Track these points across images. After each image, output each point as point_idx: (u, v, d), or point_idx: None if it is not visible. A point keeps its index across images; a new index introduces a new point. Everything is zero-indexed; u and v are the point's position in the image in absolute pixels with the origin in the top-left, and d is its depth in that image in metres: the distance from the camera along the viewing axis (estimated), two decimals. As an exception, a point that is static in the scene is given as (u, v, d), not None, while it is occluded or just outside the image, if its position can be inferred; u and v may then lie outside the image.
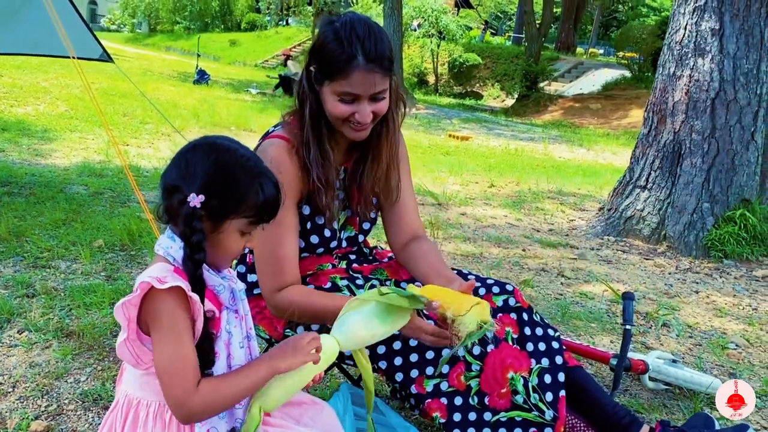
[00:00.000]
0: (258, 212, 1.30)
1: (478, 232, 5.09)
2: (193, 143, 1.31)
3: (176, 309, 1.22)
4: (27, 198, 4.67)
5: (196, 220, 1.23)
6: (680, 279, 4.34)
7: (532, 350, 1.88)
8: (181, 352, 1.22)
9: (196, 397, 1.22)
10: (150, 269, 1.26)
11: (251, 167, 1.31)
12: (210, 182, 1.25)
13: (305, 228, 1.91)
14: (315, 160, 1.82)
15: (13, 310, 2.81)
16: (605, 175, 8.57)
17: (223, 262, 1.35)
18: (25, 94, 10.19)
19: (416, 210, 2.11)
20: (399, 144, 2.02)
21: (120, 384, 1.39)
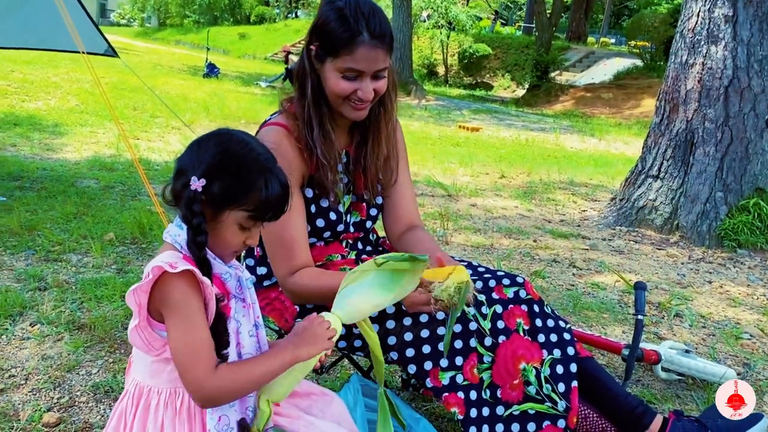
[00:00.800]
0: (259, 208, 1.29)
1: (488, 223, 5.07)
2: (212, 132, 1.32)
3: (188, 293, 1.22)
4: (38, 192, 4.69)
5: (195, 204, 1.24)
6: (693, 269, 4.30)
7: (543, 341, 1.87)
8: (197, 335, 1.22)
9: (214, 380, 1.22)
10: (160, 256, 1.26)
11: (260, 162, 1.30)
12: (214, 169, 1.25)
13: (310, 212, 1.91)
14: (317, 139, 1.82)
15: (25, 303, 2.82)
16: (617, 165, 8.51)
17: (224, 254, 1.34)
18: (36, 89, 10.23)
19: (414, 200, 2.11)
20: (397, 127, 2.02)
21: (129, 373, 1.39)
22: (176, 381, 1.29)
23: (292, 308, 1.93)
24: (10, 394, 2.18)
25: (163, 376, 1.29)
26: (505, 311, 1.89)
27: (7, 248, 3.49)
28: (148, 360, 1.30)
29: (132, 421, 1.31)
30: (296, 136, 1.84)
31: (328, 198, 1.91)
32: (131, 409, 1.32)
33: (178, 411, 1.29)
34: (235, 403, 1.32)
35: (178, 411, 1.29)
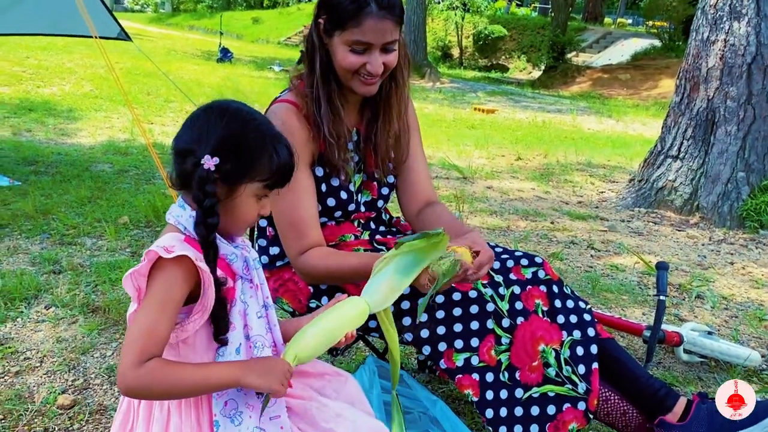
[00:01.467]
0: (272, 175, 1.26)
1: (504, 205, 5.01)
2: (204, 107, 1.27)
3: (174, 280, 1.17)
4: (53, 176, 4.69)
5: (209, 184, 1.19)
6: (714, 250, 4.22)
7: (563, 322, 1.82)
8: (153, 322, 1.16)
9: (138, 371, 1.14)
10: (160, 239, 1.22)
11: (263, 130, 1.27)
12: (223, 145, 1.21)
13: (320, 191, 1.87)
14: (326, 115, 1.78)
15: (40, 287, 2.82)
16: (635, 146, 8.39)
17: (239, 229, 1.31)
18: (51, 74, 10.26)
19: (428, 176, 2.07)
20: (408, 104, 1.97)
21: None
22: None
23: (305, 289, 1.90)
24: (25, 376, 2.17)
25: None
26: (524, 292, 1.84)
27: (22, 232, 3.49)
28: None
29: (138, 406, 1.28)
30: (305, 113, 1.80)
31: (338, 177, 1.86)
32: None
33: None
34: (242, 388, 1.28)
35: None
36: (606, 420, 1.84)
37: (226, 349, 1.26)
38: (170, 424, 1.25)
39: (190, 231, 1.23)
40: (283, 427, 1.29)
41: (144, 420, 1.26)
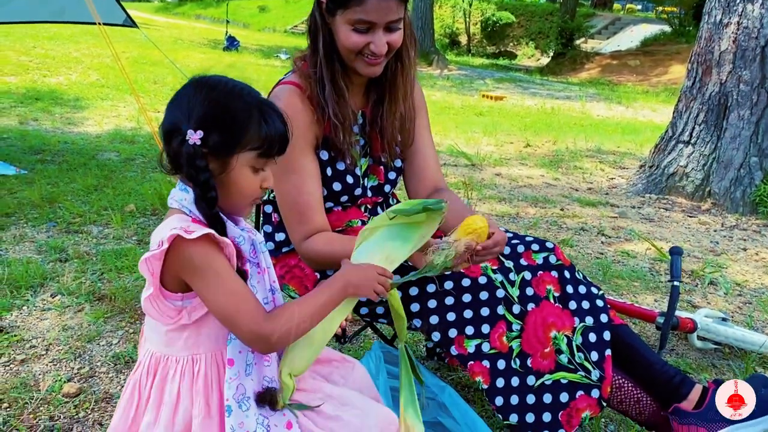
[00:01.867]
0: (264, 142, 1.22)
1: (513, 192, 4.96)
2: (185, 85, 1.24)
3: (210, 253, 1.17)
4: (59, 165, 4.68)
5: (198, 159, 1.17)
6: (726, 236, 4.17)
7: (575, 308, 1.78)
8: (235, 287, 1.18)
9: (267, 324, 1.19)
10: (168, 222, 1.19)
11: (245, 96, 1.23)
12: (206, 116, 1.18)
13: (326, 175, 1.83)
14: (330, 96, 1.74)
15: (46, 275, 2.80)
16: (645, 132, 8.30)
17: (242, 205, 1.27)
18: (58, 64, 10.24)
19: (436, 160, 2.02)
20: (415, 85, 1.92)
21: (142, 345, 1.34)
22: (192, 348, 1.24)
23: (312, 275, 1.87)
24: (31, 364, 2.15)
25: (179, 344, 1.25)
26: (534, 278, 1.80)
27: (28, 220, 3.48)
28: (162, 329, 1.25)
29: (149, 390, 1.26)
30: (309, 94, 1.76)
31: (344, 160, 1.82)
32: (147, 379, 1.27)
33: (195, 379, 1.24)
34: (251, 372, 1.26)
35: (195, 379, 1.24)
36: (619, 408, 1.80)
37: None
38: (179, 407, 1.23)
39: (195, 213, 1.21)
40: (285, 414, 1.26)
41: (154, 403, 1.24)
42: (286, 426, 1.25)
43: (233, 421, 1.20)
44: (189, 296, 1.21)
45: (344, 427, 1.27)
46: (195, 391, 1.23)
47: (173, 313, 1.22)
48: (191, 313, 1.22)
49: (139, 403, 1.27)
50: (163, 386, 1.25)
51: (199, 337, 1.25)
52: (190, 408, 1.23)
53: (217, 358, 1.25)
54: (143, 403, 1.26)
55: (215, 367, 1.25)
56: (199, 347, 1.25)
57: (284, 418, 1.25)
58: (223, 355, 1.25)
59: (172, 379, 1.24)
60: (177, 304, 1.21)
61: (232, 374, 1.23)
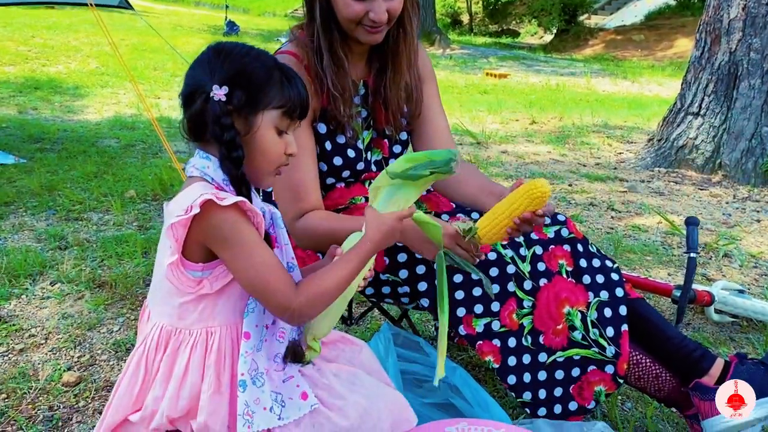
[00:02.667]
0: (288, 101, 1.19)
1: (520, 169, 4.87)
2: (203, 52, 1.21)
3: (239, 221, 1.13)
4: (59, 153, 4.61)
5: (224, 116, 1.13)
6: (739, 208, 4.08)
7: (589, 283, 1.71)
8: (265, 258, 1.15)
9: (299, 295, 1.15)
10: (193, 188, 1.14)
11: (263, 58, 1.21)
12: (230, 74, 1.15)
13: (324, 149, 1.75)
14: (328, 67, 1.66)
15: (45, 263, 2.74)
16: (652, 106, 8.17)
17: (265, 172, 1.22)
18: (57, 53, 10.15)
19: (448, 129, 1.94)
20: (419, 52, 1.84)
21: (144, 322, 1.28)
22: (208, 320, 1.19)
23: (314, 256, 1.80)
24: (30, 353, 2.10)
25: (193, 317, 1.19)
26: (546, 252, 1.73)
27: (27, 209, 3.42)
28: (176, 301, 1.20)
29: (158, 364, 1.20)
30: (306, 64, 1.68)
31: (344, 133, 1.74)
32: (157, 353, 1.21)
33: (208, 352, 1.19)
34: (261, 348, 1.20)
35: (208, 352, 1.19)
36: (637, 384, 1.73)
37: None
38: (186, 380, 1.18)
39: (218, 181, 1.17)
40: (299, 385, 1.22)
41: (163, 376, 1.19)
42: (301, 397, 1.20)
43: (248, 397, 1.15)
44: (210, 266, 1.17)
45: (353, 406, 1.21)
46: (206, 365, 1.18)
47: (192, 284, 1.18)
48: (213, 282, 1.18)
49: (146, 378, 1.21)
50: (173, 359, 1.20)
51: (215, 309, 1.20)
52: (199, 382, 1.17)
53: (232, 332, 1.20)
54: (150, 378, 1.21)
55: (229, 340, 1.20)
56: (215, 319, 1.20)
57: (298, 390, 1.20)
58: (238, 328, 1.20)
59: (183, 351, 1.19)
60: (197, 275, 1.17)
61: (248, 348, 1.18)
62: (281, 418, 1.17)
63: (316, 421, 1.20)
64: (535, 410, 1.69)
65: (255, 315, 1.19)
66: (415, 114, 1.85)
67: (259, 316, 1.20)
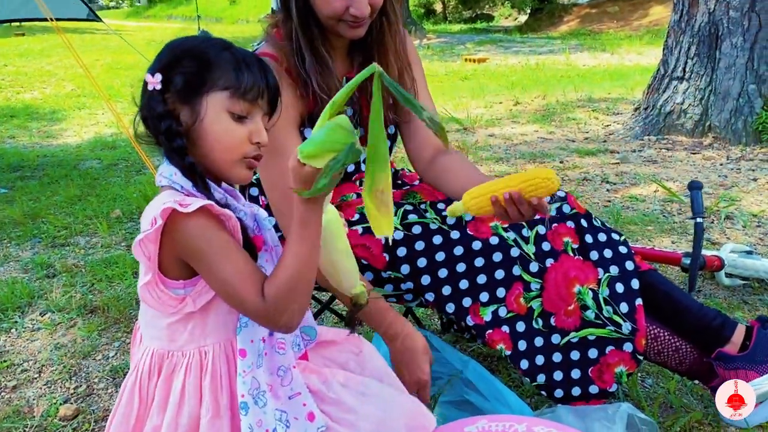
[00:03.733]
0: (236, 80, 1.07)
1: (509, 150, 4.80)
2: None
3: (209, 228, 1.03)
4: (40, 179, 4.51)
5: (158, 105, 1.05)
6: (734, 169, 4.03)
7: (597, 259, 1.64)
8: (239, 264, 1.04)
9: (268, 306, 1.03)
10: (158, 198, 1.05)
11: (216, 42, 1.11)
12: (169, 61, 1.07)
13: None
14: (312, 68, 1.56)
15: (33, 293, 2.65)
16: (634, 76, 8.12)
17: (228, 162, 1.09)
18: (31, 79, 10.01)
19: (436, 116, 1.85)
20: (406, 40, 1.74)
21: (137, 345, 1.20)
22: (199, 339, 1.10)
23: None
24: (24, 389, 2.02)
25: (184, 337, 1.10)
26: (549, 231, 1.66)
27: (11, 239, 3.32)
28: (162, 323, 1.11)
29: (153, 390, 1.11)
30: (286, 67, 1.59)
31: None
32: (150, 379, 1.12)
33: (204, 374, 1.10)
34: (262, 364, 1.12)
35: (204, 374, 1.10)
36: (657, 359, 1.66)
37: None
38: (183, 406, 1.09)
39: (188, 188, 1.06)
40: (306, 404, 1.12)
41: (160, 404, 1.11)
42: (307, 418, 1.11)
43: (251, 420, 1.07)
44: (191, 282, 1.08)
45: (366, 419, 1.14)
46: (203, 388, 1.10)
47: (174, 302, 1.08)
48: (196, 299, 1.09)
49: (141, 406, 1.12)
50: (168, 385, 1.11)
51: (206, 327, 1.11)
52: (197, 407, 1.09)
53: (227, 349, 1.12)
54: (146, 406, 1.12)
55: (224, 359, 1.11)
56: (207, 338, 1.11)
57: (305, 409, 1.11)
58: (233, 345, 1.11)
59: (177, 375, 1.11)
60: (179, 292, 1.08)
61: (245, 366, 1.09)
62: None
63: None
64: (551, 392, 1.62)
65: (248, 329, 1.10)
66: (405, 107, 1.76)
67: (253, 329, 1.11)
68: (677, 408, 1.72)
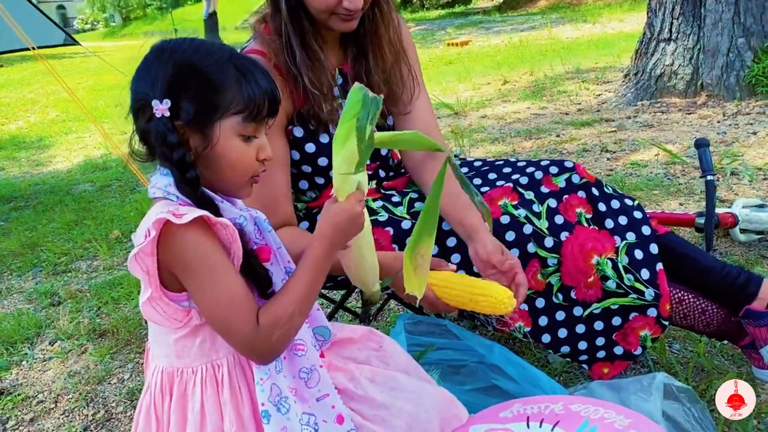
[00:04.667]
0: (250, 103, 1.02)
1: (504, 130, 4.76)
2: (147, 55, 1.05)
3: (203, 243, 0.98)
4: (34, 208, 4.45)
5: (169, 134, 0.98)
6: (732, 125, 3.99)
7: (612, 227, 1.60)
8: (232, 288, 0.99)
9: (261, 335, 1.00)
10: (153, 209, 1.00)
11: (216, 52, 1.03)
12: (173, 82, 0.99)
13: (305, 153, 1.60)
14: (303, 63, 1.51)
15: (40, 323, 2.61)
16: (619, 43, 8.06)
17: (239, 184, 1.07)
18: (14, 109, 9.92)
19: (432, 116, 1.76)
20: (401, 26, 1.69)
21: (149, 362, 1.15)
22: (210, 353, 1.06)
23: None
24: (42, 421, 1.97)
25: (193, 352, 1.06)
26: (561, 203, 1.62)
27: (12, 271, 3.27)
28: (170, 339, 1.06)
29: (168, 412, 1.07)
30: (275, 63, 1.54)
31: (327, 132, 1.60)
32: (163, 400, 1.08)
33: (221, 388, 1.06)
34: (282, 368, 1.08)
35: (221, 388, 1.06)
36: (683, 323, 1.63)
37: None
38: (206, 423, 1.05)
39: (183, 198, 1.01)
40: (335, 406, 1.08)
41: (177, 425, 1.06)
42: (336, 420, 1.07)
43: (274, 428, 1.03)
44: None
45: (397, 415, 1.10)
46: (222, 402, 1.06)
47: (181, 315, 1.04)
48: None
49: (159, 428, 1.08)
50: (183, 404, 1.07)
51: (216, 340, 1.06)
52: (220, 422, 1.05)
53: (241, 360, 1.08)
54: (164, 428, 1.08)
55: (240, 369, 1.07)
56: (218, 351, 1.07)
57: (333, 411, 1.07)
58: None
59: (192, 393, 1.06)
60: (183, 304, 1.03)
61: (262, 375, 1.05)
62: None
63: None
64: (575, 358, 1.60)
65: None
66: (412, 96, 1.70)
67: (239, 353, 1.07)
68: (709, 371, 1.69)
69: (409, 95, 1.70)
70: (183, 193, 1.01)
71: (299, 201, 1.74)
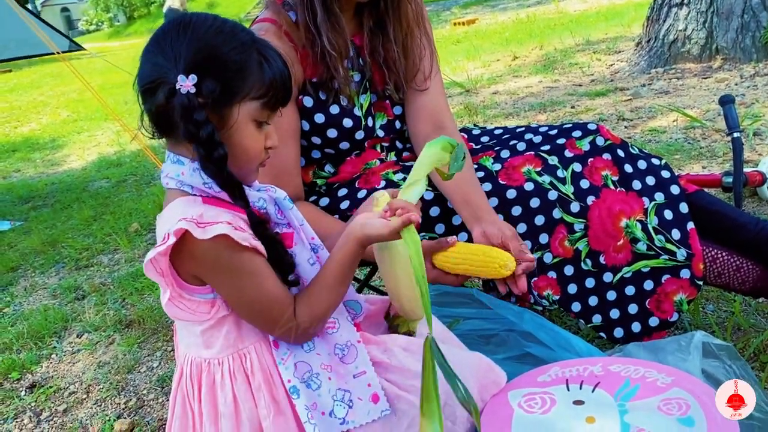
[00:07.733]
0: (269, 89, 1.00)
1: (517, 104, 4.71)
2: (160, 29, 1.02)
3: (225, 252, 0.97)
4: (53, 206, 4.48)
5: (196, 111, 0.95)
6: (750, 86, 3.92)
7: (640, 188, 1.57)
8: (259, 291, 1.01)
9: (300, 326, 1.03)
10: (172, 209, 0.98)
11: (239, 34, 1.01)
12: (198, 59, 0.96)
13: (315, 123, 1.58)
14: (323, 22, 1.48)
15: (67, 317, 2.62)
16: (628, 12, 7.96)
17: (248, 168, 1.05)
18: (25, 112, 9.98)
19: (442, 92, 1.71)
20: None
21: (178, 346, 1.15)
22: (236, 343, 1.05)
23: None
24: (75, 411, 1.98)
25: (219, 343, 1.05)
26: (586, 167, 1.59)
27: (35, 268, 3.29)
28: (196, 330, 1.06)
29: (198, 403, 1.07)
30: (286, 30, 1.52)
31: (338, 103, 1.57)
32: (193, 389, 1.08)
33: (251, 376, 1.05)
34: (313, 347, 1.07)
35: (251, 376, 1.05)
36: (718, 282, 1.59)
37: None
38: (240, 412, 1.04)
39: (200, 188, 1.00)
40: (371, 384, 1.07)
41: (209, 417, 1.06)
42: (371, 399, 1.06)
43: (304, 402, 1.02)
44: None
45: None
46: (254, 389, 1.05)
47: (207, 307, 1.03)
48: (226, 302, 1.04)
49: (194, 417, 1.08)
50: (213, 395, 1.06)
51: (241, 330, 1.05)
52: (255, 409, 1.04)
53: (268, 347, 1.07)
54: (197, 419, 1.07)
55: (269, 355, 1.06)
56: (244, 340, 1.06)
57: (369, 390, 1.06)
58: (270, 340, 1.06)
59: (222, 384, 1.05)
60: (208, 297, 1.02)
61: (281, 355, 1.05)
62: (345, 423, 1.04)
63: (397, 407, 1.07)
64: (610, 333, 1.56)
65: None
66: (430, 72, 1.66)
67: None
68: (746, 329, 1.66)
69: (428, 69, 1.67)
70: (208, 173, 0.99)
71: (318, 177, 1.71)
